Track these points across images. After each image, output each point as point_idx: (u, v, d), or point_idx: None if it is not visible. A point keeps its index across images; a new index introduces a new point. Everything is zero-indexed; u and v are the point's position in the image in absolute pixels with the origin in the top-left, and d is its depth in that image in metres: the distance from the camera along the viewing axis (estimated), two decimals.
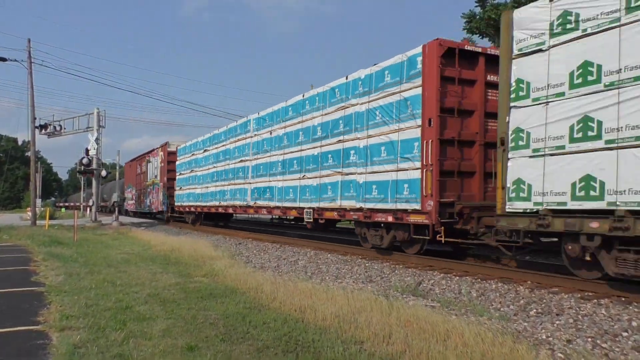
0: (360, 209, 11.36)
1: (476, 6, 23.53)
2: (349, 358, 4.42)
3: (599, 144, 6.52)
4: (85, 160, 26.62)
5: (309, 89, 13.71)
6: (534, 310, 6.32)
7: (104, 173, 28.06)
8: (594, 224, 6.52)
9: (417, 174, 9.67)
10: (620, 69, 6.37)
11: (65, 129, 28.90)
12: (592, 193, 6.56)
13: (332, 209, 12.45)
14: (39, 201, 38.50)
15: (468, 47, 10.18)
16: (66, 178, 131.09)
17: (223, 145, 20.24)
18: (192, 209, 24.19)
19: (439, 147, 9.45)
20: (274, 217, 17.93)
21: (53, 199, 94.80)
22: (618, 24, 6.41)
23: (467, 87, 10.10)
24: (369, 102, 11.16)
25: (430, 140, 9.44)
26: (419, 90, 9.74)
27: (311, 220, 13.39)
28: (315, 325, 5.45)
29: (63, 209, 57.71)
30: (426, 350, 4.46)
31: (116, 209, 29.97)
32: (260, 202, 16.60)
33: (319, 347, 4.69)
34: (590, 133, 6.64)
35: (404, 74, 10.16)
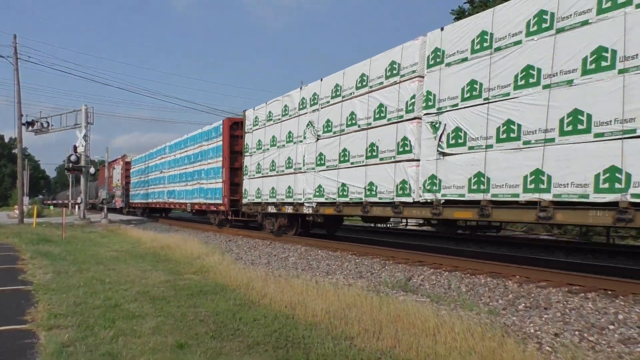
0: (205, 203, 20.47)
1: (465, 3, 23.63)
2: (339, 354, 4.44)
3: (275, 173, 15.15)
4: (73, 158, 26.39)
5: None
6: (523, 304, 6.39)
7: (92, 170, 27.88)
8: (272, 209, 15.30)
9: (221, 185, 18.70)
10: (277, 142, 15.46)
11: (52, 125, 28.54)
12: (272, 194, 15.28)
13: (197, 203, 21.56)
14: (26, 199, 38.33)
15: None
16: (54, 175, 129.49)
17: (154, 161, 29.27)
18: (140, 205, 33.81)
19: (230, 171, 18.45)
20: (184, 210, 26.27)
21: (41, 196, 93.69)
22: (272, 122, 15.35)
23: None
24: (208, 145, 20.31)
25: (225, 168, 18.55)
26: (221, 142, 18.88)
27: (191, 210, 22.74)
28: (305, 322, 5.46)
29: (51, 207, 57.20)
30: (416, 345, 4.50)
31: (105, 206, 29.71)
32: (170, 200, 25.84)
33: (310, 343, 4.71)
34: (273, 168, 15.34)
35: (218, 133, 19.26)
